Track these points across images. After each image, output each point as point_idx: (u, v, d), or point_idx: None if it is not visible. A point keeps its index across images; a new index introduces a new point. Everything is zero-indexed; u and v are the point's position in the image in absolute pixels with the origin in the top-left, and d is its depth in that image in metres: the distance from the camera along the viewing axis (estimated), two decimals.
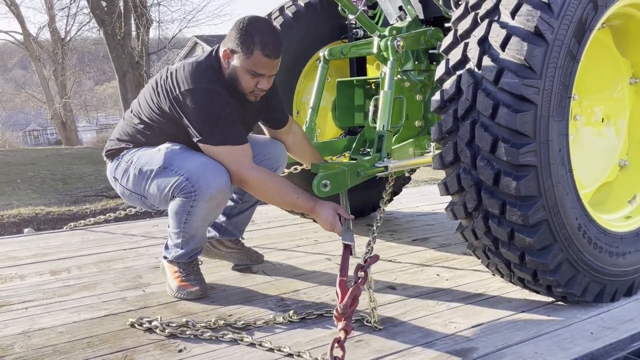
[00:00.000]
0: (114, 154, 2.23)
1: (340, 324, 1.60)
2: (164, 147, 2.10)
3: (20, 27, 21.76)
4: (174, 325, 1.84)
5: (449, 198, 1.96)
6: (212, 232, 2.52)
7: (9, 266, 2.63)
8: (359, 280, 1.76)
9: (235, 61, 2.03)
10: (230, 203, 2.47)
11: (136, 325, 1.87)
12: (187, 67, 2.05)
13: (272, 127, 2.42)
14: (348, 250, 1.92)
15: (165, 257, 2.25)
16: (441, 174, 1.95)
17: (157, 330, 1.83)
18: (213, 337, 1.78)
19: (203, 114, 2.00)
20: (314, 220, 2.20)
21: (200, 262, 2.27)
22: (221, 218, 2.51)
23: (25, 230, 3.49)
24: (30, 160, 11.96)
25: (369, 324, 1.85)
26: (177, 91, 2.02)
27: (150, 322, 1.87)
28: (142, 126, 2.16)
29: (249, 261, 2.58)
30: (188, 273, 2.19)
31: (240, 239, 2.60)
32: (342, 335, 1.56)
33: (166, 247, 2.24)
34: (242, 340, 1.75)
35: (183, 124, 2.05)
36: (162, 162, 2.07)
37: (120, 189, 2.22)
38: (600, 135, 2.27)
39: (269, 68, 2.05)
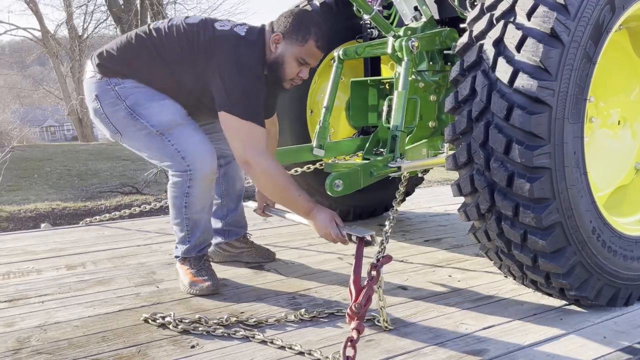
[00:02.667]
0: (107, 71, 2.12)
1: (353, 324, 1.60)
2: (165, 106, 2.10)
3: (39, 23, 22.02)
4: (186, 321, 1.86)
5: (462, 199, 1.95)
6: (218, 239, 2.55)
7: (26, 260, 2.68)
8: (372, 280, 1.76)
9: (286, 47, 2.08)
10: (216, 206, 2.49)
11: (150, 320, 1.90)
12: (236, 39, 2.07)
13: (264, 115, 2.40)
14: (362, 248, 1.92)
15: (177, 257, 2.28)
16: (454, 175, 1.96)
17: (170, 326, 1.85)
18: (225, 334, 1.80)
19: (241, 86, 2.01)
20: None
21: (211, 259, 2.29)
22: (219, 224, 2.53)
23: (42, 225, 3.55)
24: (47, 156, 12.12)
25: (379, 324, 1.86)
26: (224, 56, 2.03)
27: (163, 317, 1.89)
28: (156, 62, 2.11)
29: (262, 258, 2.60)
30: (199, 269, 2.21)
31: (247, 235, 2.62)
32: (354, 334, 1.56)
33: (176, 247, 2.28)
34: (253, 337, 1.77)
35: (212, 87, 2.05)
36: (160, 126, 2.08)
37: (96, 110, 2.13)
38: (616, 138, 2.25)
39: (316, 59, 2.13)
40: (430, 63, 2.58)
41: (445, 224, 3.33)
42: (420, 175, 3.42)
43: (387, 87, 2.83)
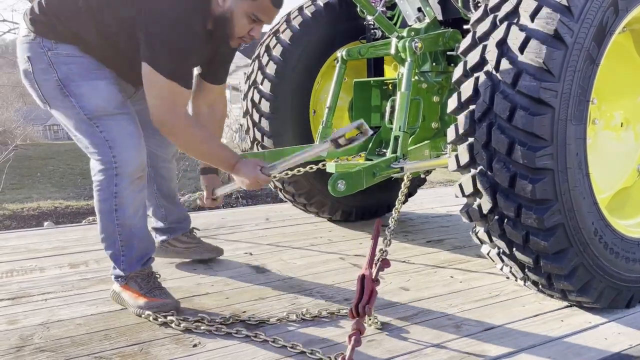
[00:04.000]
0: (40, 29, 1.90)
1: (355, 324, 1.61)
2: (99, 88, 1.91)
3: None
4: (189, 320, 1.87)
5: (464, 200, 1.96)
6: (164, 236, 2.50)
7: (29, 258, 2.69)
8: (375, 281, 1.77)
9: (235, 2, 1.89)
10: (153, 207, 2.45)
11: (152, 319, 1.90)
12: None
13: (209, 80, 2.24)
14: (375, 246, 1.91)
15: (117, 280, 2.04)
16: (457, 176, 1.96)
17: (173, 325, 1.86)
18: (227, 333, 1.80)
19: (170, 40, 1.82)
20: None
21: (158, 276, 2.11)
22: (160, 223, 2.49)
23: (45, 223, 3.57)
24: (50, 154, 12.16)
25: (375, 324, 1.86)
26: (156, 6, 1.83)
27: (165, 316, 1.90)
28: (87, 15, 1.88)
29: (210, 254, 2.57)
30: (151, 288, 2.02)
31: (193, 231, 2.58)
32: (356, 334, 1.57)
33: (113, 267, 2.05)
34: (255, 337, 1.77)
35: (140, 39, 1.85)
36: (90, 110, 1.90)
37: (27, 72, 1.93)
38: (619, 139, 2.25)
39: (271, 16, 1.95)
40: (434, 64, 2.59)
41: (448, 224, 3.33)
42: (422, 176, 3.42)
43: (390, 87, 2.83)
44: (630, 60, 2.19)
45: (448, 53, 2.59)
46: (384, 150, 2.73)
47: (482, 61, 1.80)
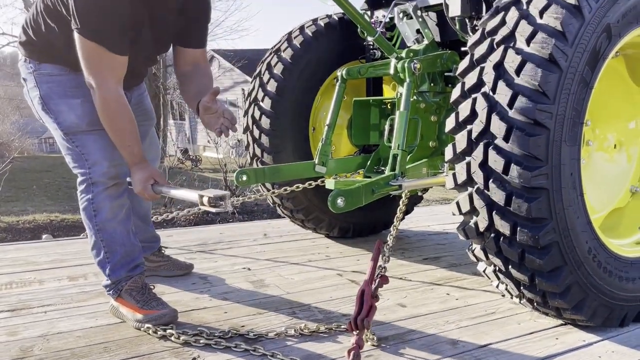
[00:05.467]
0: (27, 51, 2.06)
1: (354, 338, 1.63)
2: (74, 106, 2.00)
3: None
4: (188, 333, 1.88)
5: (460, 218, 1.99)
6: None
7: (28, 271, 2.70)
8: (374, 297, 1.80)
9: None
10: None
11: (151, 332, 1.92)
12: None
13: (184, 45, 2.18)
14: (375, 264, 1.94)
15: (108, 290, 2.09)
16: (453, 195, 1.99)
17: (172, 338, 1.87)
18: (226, 347, 1.82)
19: (94, 4, 1.82)
20: None
21: (152, 287, 2.15)
22: None
23: (44, 236, 3.58)
24: (46, 167, 12.17)
25: (372, 340, 1.88)
26: None
27: (164, 329, 1.91)
28: (43, 20, 1.98)
29: (180, 270, 2.61)
30: (146, 300, 2.05)
31: (162, 249, 2.63)
32: (355, 349, 1.59)
33: (106, 279, 2.10)
34: (254, 351, 1.79)
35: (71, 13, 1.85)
36: (65, 126, 2.01)
37: (25, 92, 2.12)
38: (612, 161, 2.30)
39: None
40: (432, 84, 2.64)
41: (444, 242, 3.37)
42: (420, 194, 3.46)
43: (389, 107, 2.88)
44: (623, 84, 2.25)
45: (446, 74, 2.65)
46: (382, 168, 2.77)
47: (480, 83, 1.85)
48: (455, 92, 1.93)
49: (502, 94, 1.76)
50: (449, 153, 1.94)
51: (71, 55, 1.93)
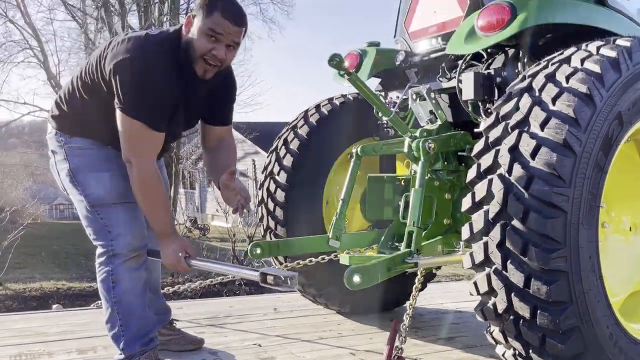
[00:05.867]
0: (58, 124, 2.15)
1: None
2: (103, 179, 2.07)
3: None
4: None
5: (473, 297, 1.97)
6: None
7: (37, 342, 2.66)
8: None
9: (194, 25, 2.00)
10: None
11: None
12: (138, 38, 2.02)
13: (212, 123, 2.30)
14: (393, 342, 1.90)
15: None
16: (463, 271, 1.99)
17: None
18: None
19: (134, 81, 1.93)
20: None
21: None
22: None
23: (54, 306, 3.54)
24: (56, 234, 12.23)
25: None
26: (122, 55, 1.95)
27: None
28: (79, 95, 2.08)
29: (191, 345, 2.56)
30: None
31: (173, 322, 2.59)
32: None
33: (119, 353, 2.12)
34: None
35: (114, 93, 1.97)
36: (92, 199, 2.07)
37: (52, 164, 2.20)
38: (629, 243, 2.30)
39: (227, 31, 1.99)
40: (445, 163, 2.69)
41: (459, 322, 3.30)
42: (434, 271, 3.43)
43: (403, 183, 2.92)
44: (636, 168, 2.29)
45: (459, 153, 2.71)
46: (397, 244, 2.77)
47: (495, 165, 1.89)
48: (471, 173, 1.97)
49: (518, 176, 1.80)
50: (465, 232, 1.96)
51: (104, 130, 2.03)
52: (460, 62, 2.61)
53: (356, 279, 2.08)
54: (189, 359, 2.47)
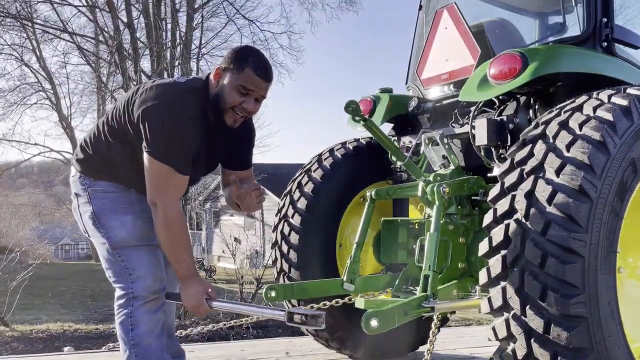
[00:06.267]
0: (83, 168, 2.20)
1: None
2: (126, 222, 2.11)
3: (72, 147, 23.33)
4: None
5: (488, 342, 1.96)
6: None
7: None
8: None
9: (226, 79, 2.07)
10: None
11: None
12: (167, 85, 2.10)
13: (232, 168, 2.35)
14: None
15: None
16: (472, 315, 1.98)
17: None
18: None
19: (163, 127, 2.00)
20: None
21: None
22: None
23: (65, 348, 3.53)
24: (63, 275, 12.19)
25: None
26: (151, 101, 2.02)
27: None
28: (105, 138, 2.14)
29: None
30: None
31: None
32: None
33: None
34: None
35: (141, 137, 2.03)
36: (114, 241, 2.11)
37: (75, 207, 2.23)
38: None
39: (258, 87, 2.07)
40: (459, 207, 2.72)
41: None
42: (448, 315, 3.41)
43: (417, 227, 2.95)
44: None
45: (472, 197, 2.74)
46: (410, 288, 2.77)
47: (512, 210, 1.92)
48: (488, 217, 2.00)
49: (535, 222, 1.82)
50: (483, 277, 1.97)
51: (128, 173, 2.08)
52: (472, 108, 2.68)
53: (374, 323, 2.08)
54: None
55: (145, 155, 2.03)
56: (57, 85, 21.90)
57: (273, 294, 2.71)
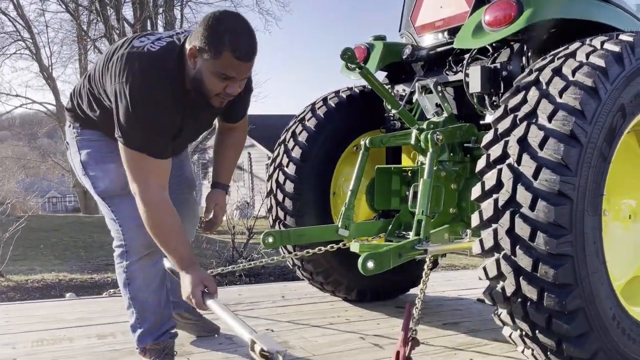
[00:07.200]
0: (72, 117, 2.16)
1: None
2: (109, 171, 2.05)
3: (54, 99, 22.88)
4: None
5: (474, 283, 2.06)
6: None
7: (58, 328, 2.74)
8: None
9: (202, 62, 1.85)
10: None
11: None
12: (142, 58, 1.90)
13: (226, 121, 2.31)
14: (408, 323, 1.98)
15: (136, 348, 2.19)
16: (459, 261, 2.06)
17: None
18: None
19: (133, 112, 1.84)
20: None
21: (175, 352, 2.19)
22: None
23: (67, 294, 3.61)
24: (53, 227, 12.20)
25: None
26: (119, 79, 1.86)
27: None
28: (87, 99, 2.06)
29: (206, 332, 2.60)
30: None
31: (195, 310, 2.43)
32: None
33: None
34: None
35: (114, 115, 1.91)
36: (101, 191, 2.08)
37: (69, 156, 2.22)
38: (628, 230, 2.40)
39: (240, 71, 1.86)
40: (451, 154, 2.78)
41: (461, 308, 3.40)
42: (439, 260, 3.53)
43: (410, 174, 3.02)
44: (636, 158, 2.39)
45: (465, 145, 2.80)
46: (403, 233, 2.87)
47: (505, 155, 1.98)
48: (481, 163, 2.06)
49: (527, 166, 1.89)
50: (475, 219, 2.05)
51: (110, 126, 1.98)
52: (466, 56, 2.69)
53: (370, 264, 2.17)
54: (204, 343, 2.55)
55: (120, 145, 1.92)
56: (36, 34, 21.21)
57: (270, 239, 2.79)
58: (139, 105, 1.85)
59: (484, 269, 2.03)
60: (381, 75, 3.32)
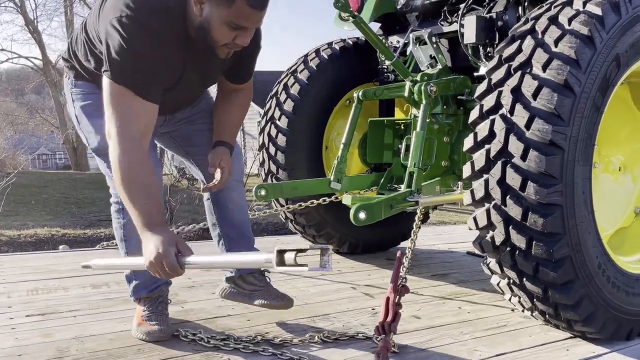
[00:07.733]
0: (68, 68, 2.06)
1: (382, 341, 1.72)
2: (99, 127, 1.88)
3: (41, 53, 22.41)
4: (217, 338, 1.96)
5: (463, 237, 2.09)
6: (228, 273, 2.31)
7: (52, 278, 2.77)
8: (398, 304, 1.89)
9: (211, 9, 1.71)
10: (216, 237, 2.27)
11: (181, 336, 1.99)
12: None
13: (230, 80, 2.13)
14: (398, 271, 2.01)
15: (130, 296, 2.13)
16: (449, 217, 2.09)
17: (202, 342, 1.95)
18: (254, 351, 1.90)
19: (125, 43, 1.67)
20: None
21: (169, 301, 2.14)
22: None
23: (61, 247, 3.63)
24: (44, 183, 12.17)
25: (393, 347, 1.96)
26: (113, 14, 1.71)
27: (194, 334, 1.99)
28: (84, 48, 1.94)
29: (276, 302, 2.22)
30: (151, 312, 2.03)
31: (264, 272, 2.29)
32: (383, 350, 1.68)
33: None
34: (282, 355, 1.87)
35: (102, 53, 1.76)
36: (93, 146, 1.99)
37: (67, 108, 2.14)
38: (617, 182, 2.43)
39: (253, 20, 1.74)
40: (445, 107, 2.77)
41: (450, 260, 3.46)
42: (429, 213, 3.57)
43: (402, 127, 3.01)
44: (628, 110, 2.39)
45: (458, 97, 2.78)
46: (395, 186, 2.88)
47: (498, 105, 1.97)
48: (474, 114, 2.05)
49: (520, 116, 1.89)
50: (467, 170, 2.06)
51: (100, 80, 1.87)
52: (462, 6, 2.65)
53: (362, 215, 2.19)
54: (200, 292, 2.58)
55: (104, 78, 1.73)
56: None
57: (263, 192, 2.79)
58: (134, 36, 1.68)
59: (474, 219, 2.06)
60: (375, 27, 3.26)
